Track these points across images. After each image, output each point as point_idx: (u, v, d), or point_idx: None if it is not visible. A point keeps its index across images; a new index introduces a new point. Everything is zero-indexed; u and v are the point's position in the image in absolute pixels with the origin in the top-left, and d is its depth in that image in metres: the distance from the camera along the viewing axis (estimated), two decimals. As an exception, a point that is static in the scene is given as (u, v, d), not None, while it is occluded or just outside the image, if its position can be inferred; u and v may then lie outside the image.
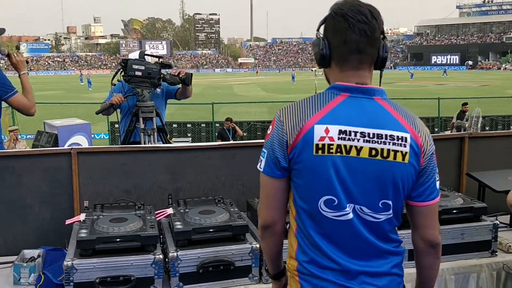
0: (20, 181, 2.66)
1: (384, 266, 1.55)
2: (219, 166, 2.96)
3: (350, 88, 1.50)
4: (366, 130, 1.47)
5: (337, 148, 1.46)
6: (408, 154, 1.49)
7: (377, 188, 1.49)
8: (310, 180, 1.50)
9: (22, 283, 2.30)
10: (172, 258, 2.25)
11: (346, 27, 1.47)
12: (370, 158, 1.47)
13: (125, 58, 4.42)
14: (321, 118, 1.47)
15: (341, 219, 1.50)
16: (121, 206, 2.64)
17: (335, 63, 1.54)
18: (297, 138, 1.48)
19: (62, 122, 12.29)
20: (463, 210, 2.68)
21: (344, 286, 1.52)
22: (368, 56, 1.51)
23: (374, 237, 1.53)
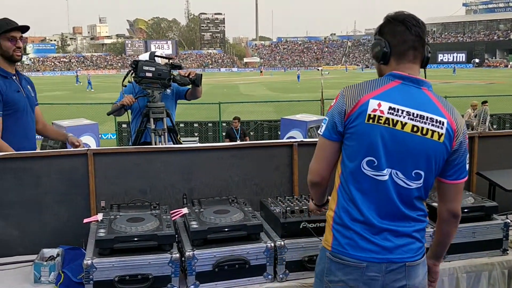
0: (38, 181, 2.71)
1: (406, 228, 1.83)
2: (232, 166, 3.00)
3: (403, 77, 1.84)
4: (411, 110, 1.78)
5: (386, 120, 1.78)
6: (443, 136, 1.79)
7: (412, 158, 1.79)
8: (358, 143, 1.80)
9: (42, 281, 2.35)
10: (188, 257, 2.29)
11: (404, 29, 1.83)
12: (411, 133, 1.78)
13: (135, 60, 4.47)
14: (377, 95, 1.80)
15: (378, 179, 1.80)
16: (137, 206, 2.68)
17: (393, 59, 1.86)
18: (354, 108, 1.80)
19: (70, 123, 12.41)
20: (474, 209, 2.70)
21: (367, 239, 1.82)
22: (419, 54, 1.86)
23: (401, 203, 1.81)
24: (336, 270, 1.86)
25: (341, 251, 1.85)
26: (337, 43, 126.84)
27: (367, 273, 1.82)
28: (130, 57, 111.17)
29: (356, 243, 1.83)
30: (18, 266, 2.53)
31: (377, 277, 1.82)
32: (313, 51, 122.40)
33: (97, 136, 12.53)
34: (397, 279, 1.83)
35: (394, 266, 1.82)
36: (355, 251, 1.83)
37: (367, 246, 1.82)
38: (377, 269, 1.82)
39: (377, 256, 1.81)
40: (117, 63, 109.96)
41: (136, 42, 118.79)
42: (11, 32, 3.22)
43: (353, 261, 1.83)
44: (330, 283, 1.89)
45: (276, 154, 3.07)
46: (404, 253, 1.83)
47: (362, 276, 1.82)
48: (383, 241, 1.81)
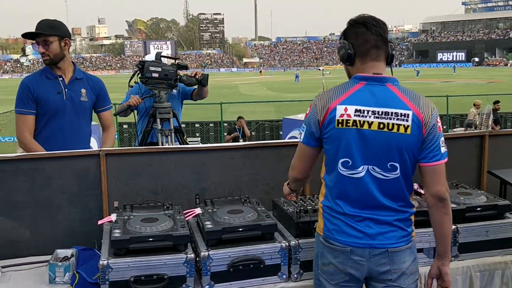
0: (50, 182, 2.71)
1: (387, 218, 1.97)
2: (243, 166, 3.00)
3: (367, 78, 1.96)
4: (376, 109, 1.91)
5: (353, 123, 1.93)
6: (410, 127, 1.90)
7: (384, 153, 1.92)
8: (332, 147, 1.98)
9: (57, 282, 2.35)
10: (203, 257, 2.29)
11: (365, 30, 1.95)
12: (378, 130, 1.91)
13: (142, 60, 4.46)
14: (343, 101, 1.95)
15: (354, 177, 1.96)
16: (149, 206, 2.68)
17: (358, 59, 1.99)
18: (325, 116, 1.96)
19: (72, 123, 12.41)
20: (487, 207, 2.70)
21: (352, 226, 1.98)
22: (382, 52, 1.98)
23: (382, 194, 1.95)
24: (327, 253, 2.04)
25: (329, 236, 2.04)
26: (336, 43, 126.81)
27: (352, 257, 1.98)
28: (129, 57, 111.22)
29: (341, 229, 2.00)
30: (32, 267, 2.53)
31: (362, 261, 1.98)
32: (313, 51, 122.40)
33: (99, 137, 12.51)
34: (382, 263, 1.97)
35: (376, 252, 1.97)
36: (340, 236, 2.00)
37: (351, 232, 1.98)
38: (361, 254, 1.97)
39: (359, 242, 1.97)
40: (116, 64, 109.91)
41: (135, 43, 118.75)
42: (35, 38, 3.24)
43: (339, 245, 2.00)
44: (323, 266, 2.07)
45: (286, 154, 3.05)
46: (386, 240, 1.97)
47: (348, 260, 1.98)
48: (366, 228, 1.97)
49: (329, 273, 2.03)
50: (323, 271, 2.06)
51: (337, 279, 2.02)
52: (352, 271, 1.98)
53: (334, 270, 2.01)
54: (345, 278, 2.00)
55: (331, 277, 2.03)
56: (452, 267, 2.57)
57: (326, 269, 2.04)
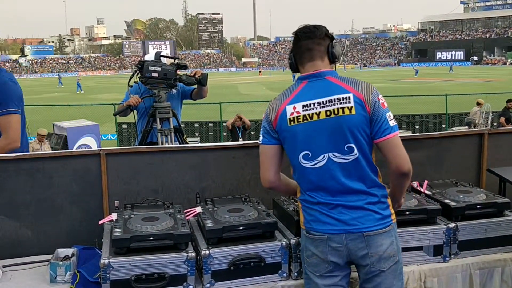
0: (51, 182, 2.72)
1: (358, 202, 2.07)
2: (244, 165, 3.00)
3: (307, 76, 2.14)
4: (320, 100, 2.07)
5: (304, 117, 2.08)
6: (353, 108, 2.03)
7: (339, 137, 2.04)
8: (290, 143, 2.11)
9: (58, 281, 2.36)
10: (204, 256, 2.30)
11: (297, 39, 2.16)
12: (327, 118, 2.05)
13: (141, 60, 4.47)
14: (290, 101, 2.12)
15: (316, 167, 2.08)
16: (150, 205, 2.69)
17: (299, 65, 2.19)
18: (276, 117, 2.13)
19: (71, 124, 12.42)
20: (486, 205, 2.71)
21: (326, 214, 2.08)
22: (316, 51, 2.13)
23: (347, 178, 2.06)
24: (309, 245, 2.14)
25: (308, 227, 2.14)
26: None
27: (330, 244, 2.08)
28: (128, 57, 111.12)
29: (317, 218, 2.10)
30: (33, 266, 2.54)
31: (341, 247, 2.07)
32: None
33: (98, 137, 12.53)
34: (359, 248, 2.06)
35: (352, 236, 2.06)
36: (317, 225, 2.10)
37: (326, 219, 2.08)
38: (338, 240, 2.07)
39: (335, 228, 2.07)
40: (115, 64, 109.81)
41: (134, 43, 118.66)
42: None
43: (318, 234, 2.10)
44: (307, 258, 2.16)
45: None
46: (360, 224, 2.06)
47: (327, 247, 2.08)
48: (339, 215, 2.07)
49: (313, 265, 2.13)
50: (308, 264, 2.15)
51: (321, 270, 2.11)
52: (333, 258, 2.08)
53: (317, 260, 2.11)
54: (329, 268, 2.10)
55: (315, 269, 2.13)
56: (451, 265, 2.60)
57: (311, 261, 2.13)
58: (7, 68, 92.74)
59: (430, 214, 2.61)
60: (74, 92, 38.04)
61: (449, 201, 2.72)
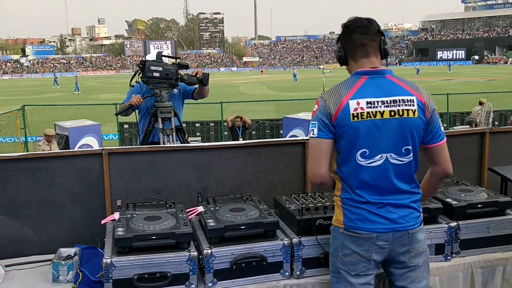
0: (53, 181, 2.72)
1: (404, 200, 2.09)
2: (245, 164, 3.01)
3: (367, 72, 2.09)
4: (384, 99, 2.04)
5: (367, 115, 2.03)
6: (416, 111, 2.05)
7: (399, 138, 2.04)
8: (348, 140, 2.05)
9: (60, 280, 2.37)
10: (206, 255, 2.30)
11: (349, 32, 2.11)
12: (391, 118, 2.04)
13: (143, 60, 4.47)
14: (352, 95, 2.04)
15: (372, 165, 2.05)
16: (152, 204, 2.70)
17: (350, 59, 2.14)
18: (338, 111, 2.04)
19: (73, 124, 12.42)
20: (488, 204, 2.71)
21: (373, 212, 2.06)
22: (370, 48, 2.10)
23: (398, 179, 2.07)
24: (350, 243, 2.09)
25: (352, 226, 2.09)
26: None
27: (377, 242, 2.06)
28: (129, 57, 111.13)
29: (365, 217, 2.07)
30: (35, 266, 2.55)
31: (386, 245, 2.07)
32: (313, 50, 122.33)
33: (100, 137, 12.53)
34: (402, 245, 2.08)
35: (399, 234, 2.07)
36: (364, 224, 2.07)
37: (375, 218, 2.06)
38: (385, 238, 2.06)
39: (384, 227, 2.06)
40: (116, 64, 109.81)
41: (135, 43, 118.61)
42: None
43: (364, 233, 2.07)
44: (344, 257, 2.11)
45: (288, 152, 3.08)
46: (406, 222, 2.08)
47: (373, 245, 2.07)
48: (388, 213, 2.06)
49: (350, 263, 2.09)
50: (344, 263, 2.11)
51: (358, 269, 2.08)
52: (375, 256, 2.08)
53: (357, 259, 2.08)
54: (367, 267, 2.08)
55: (352, 267, 2.09)
56: (453, 264, 2.60)
57: (348, 260, 2.10)
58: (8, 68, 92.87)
59: (431, 213, 2.61)
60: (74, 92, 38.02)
61: (451, 200, 2.72)
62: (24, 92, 39.78)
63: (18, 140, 14.48)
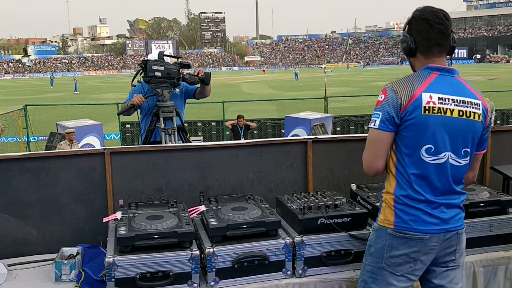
0: (56, 181, 2.73)
1: (455, 200, 2.08)
2: (247, 163, 3.01)
3: (439, 68, 2.06)
4: (455, 97, 2.02)
5: (438, 110, 1.99)
6: (481, 115, 2.05)
7: (462, 139, 2.02)
8: (416, 133, 1.99)
9: (63, 279, 2.37)
10: (208, 254, 2.31)
11: (427, 27, 2.02)
12: (459, 117, 2.01)
13: (144, 59, 4.48)
14: (425, 88, 2.00)
15: (435, 163, 2.01)
16: (154, 204, 2.70)
17: (420, 54, 2.08)
18: (410, 101, 1.98)
19: (75, 123, 12.43)
20: (490, 203, 2.71)
21: (428, 213, 2.02)
22: (444, 48, 2.07)
23: (453, 180, 2.04)
24: (399, 245, 2.04)
25: (405, 227, 2.03)
26: (338, 41, 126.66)
27: (429, 243, 2.03)
28: (130, 57, 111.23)
29: (420, 218, 2.02)
30: (38, 265, 2.56)
31: (435, 246, 2.04)
32: (314, 49, 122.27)
33: (102, 137, 12.55)
34: (450, 245, 2.07)
35: (449, 235, 2.06)
36: (419, 225, 2.02)
37: (430, 219, 2.02)
38: (437, 239, 2.04)
39: (437, 228, 2.03)
40: (118, 64, 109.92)
41: (137, 42, 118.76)
42: None
43: (418, 234, 2.02)
44: (391, 258, 2.05)
45: (290, 151, 3.08)
46: (456, 222, 2.07)
47: (424, 247, 2.03)
48: (441, 214, 2.04)
49: (396, 264, 2.05)
50: (389, 264, 2.05)
51: (404, 270, 2.05)
52: (423, 257, 2.04)
53: (404, 261, 2.04)
54: (414, 267, 2.05)
55: (397, 268, 2.05)
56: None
57: (395, 261, 2.04)
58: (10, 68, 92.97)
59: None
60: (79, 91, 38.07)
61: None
62: (26, 92, 39.85)
63: (20, 140, 14.51)
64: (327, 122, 12.04)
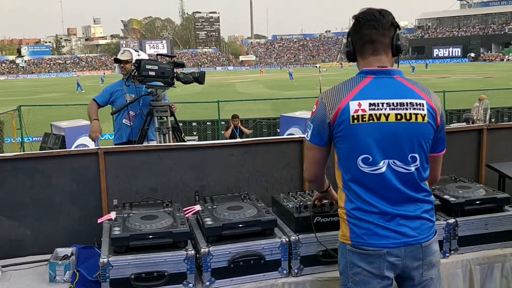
0: (50, 181, 2.71)
1: (415, 211, 1.92)
2: (243, 162, 3.00)
3: (374, 71, 1.92)
4: (390, 101, 1.88)
5: (369, 117, 1.86)
6: (426, 116, 1.89)
7: (405, 145, 1.87)
8: (349, 144, 1.89)
9: (57, 280, 2.35)
10: (204, 254, 2.29)
11: (359, 26, 1.92)
12: (396, 121, 1.87)
13: (138, 59, 4.47)
14: (354, 96, 1.88)
15: (375, 173, 1.88)
16: (149, 204, 2.68)
17: (358, 55, 1.97)
18: (336, 114, 1.88)
19: (69, 124, 12.37)
20: (486, 201, 2.71)
21: (383, 227, 1.89)
22: (380, 45, 1.92)
23: (405, 187, 1.90)
24: (359, 261, 1.92)
25: (360, 241, 1.92)
26: (332, 40, 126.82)
27: (388, 259, 1.89)
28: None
29: (373, 231, 1.90)
30: (32, 266, 2.54)
31: (398, 260, 1.91)
32: (309, 48, 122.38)
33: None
34: (416, 259, 1.93)
35: (411, 248, 1.91)
36: (373, 239, 1.90)
37: (384, 233, 1.89)
38: (397, 253, 1.90)
39: (395, 242, 1.89)
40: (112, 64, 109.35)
41: (131, 42, 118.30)
42: None
43: (373, 249, 1.90)
44: (355, 276, 1.94)
45: (286, 150, 3.07)
46: (419, 235, 1.92)
47: (384, 262, 1.89)
48: (398, 227, 1.90)
49: (363, 282, 1.93)
50: (356, 282, 1.94)
51: (372, 287, 1.92)
52: (388, 273, 1.91)
53: (369, 278, 1.92)
54: (381, 284, 1.92)
55: (364, 287, 1.93)
56: (451, 261, 2.59)
57: (360, 278, 1.93)
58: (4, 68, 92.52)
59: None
60: (72, 92, 37.90)
61: (449, 196, 2.72)
62: (20, 92, 39.64)
63: (15, 141, 14.43)
64: (322, 121, 12.03)
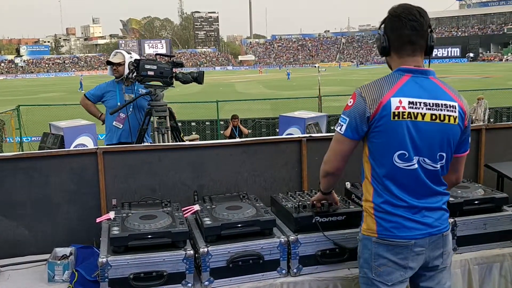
0: (48, 181, 2.71)
1: (437, 203, 2.04)
2: (241, 162, 3.00)
3: (411, 70, 1.99)
4: (427, 101, 1.96)
5: (408, 115, 1.94)
6: (457, 118, 1.99)
7: (436, 144, 1.97)
8: (386, 140, 1.96)
9: (56, 280, 2.35)
10: (203, 254, 2.29)
11: (400, 25, 1.96)
12: (431, 121, 1.96)
13: (137, 59, 4.46)
14: (395, 93, 1.95)
15: (409, 168, 1.97)
16: (148, 203, 2.68)
17: (394, 53, 2.03)
18: (378, 109, 1.94)
19: (68, 123, 12.35)
20: (484, 200, 2.71)
21: (409, 218, 1.99)
22: (418, 46, 1.99)
23: (431, 182, 2.01)
24: (385, 252, 2.01)
25: (388, 234, 2.00)
26: (331, 40, 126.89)
27: (414, 249, 2.00)
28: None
29: (402, 224, 1.99)
30: (31, 266, 2.53)
31: (422, 251, 2.01)
32: (308, 48, 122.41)
33: (95, 137, 12.48)
34: (438, 248, 2.05)
35: (434, 238, 2.03)
36: (402, 232, 1.99)
37: (412, 225, 1.99)
38: (422, 244, 2.01)
39: (421, 232, 2.00)
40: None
41: (130, 42, 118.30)
42: None
43: (402, 241, 1.99)
44: (379, 267, 2.03)
45: (285, 150, 3.07)
46: (440, 225, 2.04)
47: (410, 253, 1.99)
48: (423, 218, 2.00)
49: (386, 273, 2.01)
50: (379, 273, 2.02)
51: (395, 278, 2.01)
52: (413, 263, 2.01)
53: (393, 268, 2.00)
54: (404, 275, 2.01)
55: (388, 277, 2.01)
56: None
57: (384, 269, 2.01)
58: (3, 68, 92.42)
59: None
60: (71, 92, 37.89)
61: (453, 198, 2.71)
62: (19, 92, 39.61)
63: (13, 140, 14.42)
64: (321, 121, 12.03)
